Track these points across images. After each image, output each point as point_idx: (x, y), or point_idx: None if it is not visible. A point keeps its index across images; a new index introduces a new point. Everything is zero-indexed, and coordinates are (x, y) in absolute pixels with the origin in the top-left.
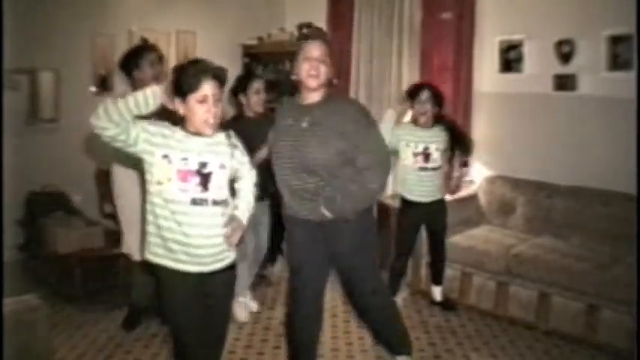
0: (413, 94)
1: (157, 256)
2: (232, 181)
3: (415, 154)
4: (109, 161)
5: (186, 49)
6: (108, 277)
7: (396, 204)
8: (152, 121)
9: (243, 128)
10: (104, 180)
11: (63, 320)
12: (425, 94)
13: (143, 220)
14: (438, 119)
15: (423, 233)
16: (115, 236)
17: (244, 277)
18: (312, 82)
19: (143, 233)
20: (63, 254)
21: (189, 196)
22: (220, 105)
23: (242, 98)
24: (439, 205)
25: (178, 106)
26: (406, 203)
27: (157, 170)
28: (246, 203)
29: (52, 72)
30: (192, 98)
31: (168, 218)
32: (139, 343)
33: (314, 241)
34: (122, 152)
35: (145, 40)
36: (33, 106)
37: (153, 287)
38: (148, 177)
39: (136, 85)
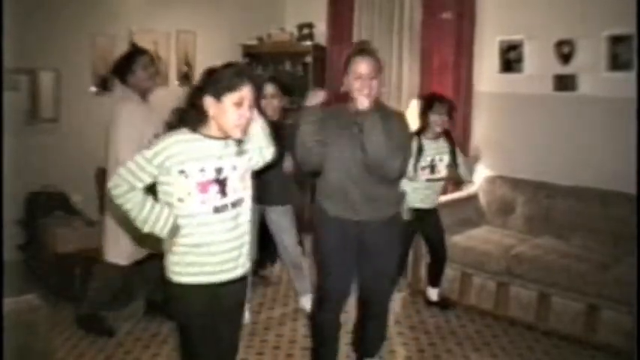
0: (431, 105)
1: (179, 274)
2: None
3: (423, 168)
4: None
5: (186, 49)
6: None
7: None
8: (163, 140)
9: None
10: (104, 180)
11: (63, 320)
12: (445, 107)
13: None
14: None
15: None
16: None
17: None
18: (364, 100)
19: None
20: (63, 254)
21: (211, 205)
22: (253, 112)
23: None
24: (434, 214)
25: (209, 106)
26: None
27: (176, 188)
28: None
29: (52, 72)
30: (229, 99)
31: (191, 233)
32: (139, 343)
33: (347, 242)
34: None
35: (134, 45)
36: (33, 106)
37: (111, 290)
38: (164, 197)
39: (132, 89)
